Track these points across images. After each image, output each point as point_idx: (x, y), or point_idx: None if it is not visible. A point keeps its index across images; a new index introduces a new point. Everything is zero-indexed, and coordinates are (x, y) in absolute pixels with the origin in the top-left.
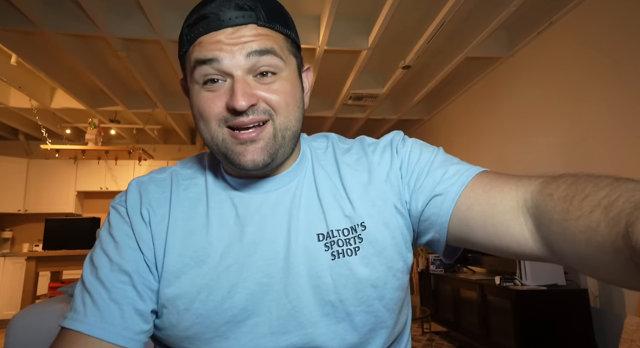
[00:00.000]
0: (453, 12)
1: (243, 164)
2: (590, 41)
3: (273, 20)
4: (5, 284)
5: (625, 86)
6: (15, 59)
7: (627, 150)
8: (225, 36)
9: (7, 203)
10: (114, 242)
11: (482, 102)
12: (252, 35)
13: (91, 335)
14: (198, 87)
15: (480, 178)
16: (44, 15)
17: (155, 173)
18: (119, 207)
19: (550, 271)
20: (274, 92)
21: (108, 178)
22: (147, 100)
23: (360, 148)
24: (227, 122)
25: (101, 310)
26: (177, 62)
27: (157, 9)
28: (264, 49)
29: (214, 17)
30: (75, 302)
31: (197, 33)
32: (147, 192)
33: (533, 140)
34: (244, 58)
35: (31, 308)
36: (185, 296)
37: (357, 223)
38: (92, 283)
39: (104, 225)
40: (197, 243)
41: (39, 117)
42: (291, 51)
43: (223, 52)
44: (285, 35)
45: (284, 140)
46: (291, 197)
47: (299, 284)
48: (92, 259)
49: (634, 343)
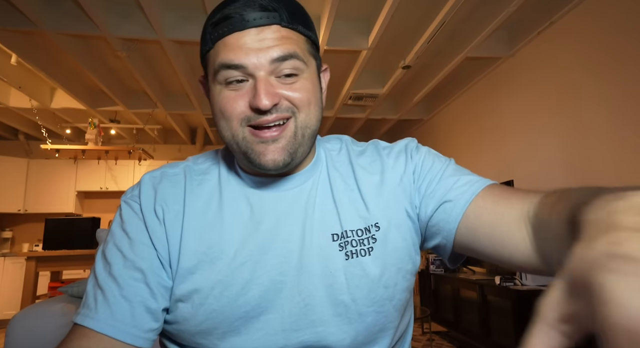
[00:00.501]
0: (453, 12)
1: (264, 163)
2: (591, 41)
3: (295, 21)
4: (5, 284)
5: (625, 85)
6: (15, 59)
7: (627, 150)
8: (250, 38)
9: (7, 203)
10: (128, 238)
11: (482, 102)
12: (275, 37)
13: (101, 332)
14: (220, 87)
15: (490, 190)
16: (44, 15)
17: (168, 167)
18: (131, 202)
19: None
20: (296, 90)
21: (108, 178)
22: (147, 100)
23: (374, 151)
24: (249, 121)
25: (112, 307)
26: (176, 61)
27: (157, 9)
28: (288, 54)
29: (239, 18)
30: (88, 298)
31: (221, 33)
32: (161, 187)
33: (533, 140)
34: (268, 63)
35: (31, 308)
36: (200, 291)
37: (371, 224)
38: (104, 280)
39: (115, 220)
40: (211, 239)
41: (39, 117)
42: (311, 53)
43: (248, 56)
44: (306, 36)
45: (304, 138)
46: (306, 196)
47: (313, 283)
48: (105, 254)
49: None
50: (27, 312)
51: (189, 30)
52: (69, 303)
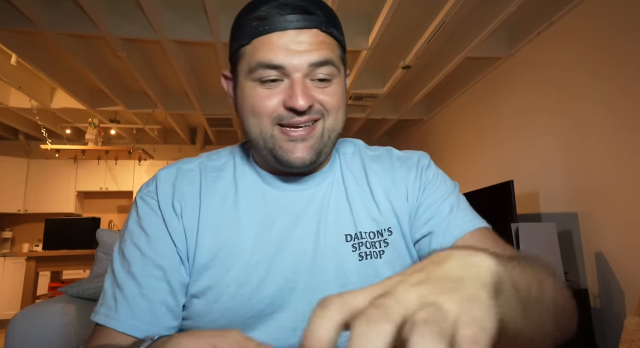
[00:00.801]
0: (453, 12)
1: (292, 160)
2: (591, 41)
3: (332, 26)
4: (5, 284)
5: (625, 86)
6: (15, 59)
7: (627, 150)
8: (290, 39)
9: (7, 203)
10: (146, 235)
11: (482, 102)
12: (315, 41)
13: (122, 331)
14: (253, 84)
15: (479, 234)
16: (44, 15)
17: (182, 164)
18: (148, 198)
19: None
20: (328, 94)
21: (108, 178)
22: (147, 100)
23: (388, 159)
24: (280, 120)
25: (132, 306)
26: (176, 61)
27: (157, 9)
28: (325, 60)
29: (280, 18)
30: (106, 297)
31: (261, 30)
32: (178, 183)
33: (533, 140)
34: (307, 66)
35: (31, 308)
36: (215, 288)
37: (384, 228)
38: (123, 279)
39: (131, 217)
40: (227, 236)
41: (39, 117)
42: (342, 59)
43: (288, 57)
44: (339, 42)
45: (329, 140)
46: (321, 197)
47: (326, 282)
48: (123, 252)
49: (634, 343)
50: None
51: (189, 30)
52: (69, 303)
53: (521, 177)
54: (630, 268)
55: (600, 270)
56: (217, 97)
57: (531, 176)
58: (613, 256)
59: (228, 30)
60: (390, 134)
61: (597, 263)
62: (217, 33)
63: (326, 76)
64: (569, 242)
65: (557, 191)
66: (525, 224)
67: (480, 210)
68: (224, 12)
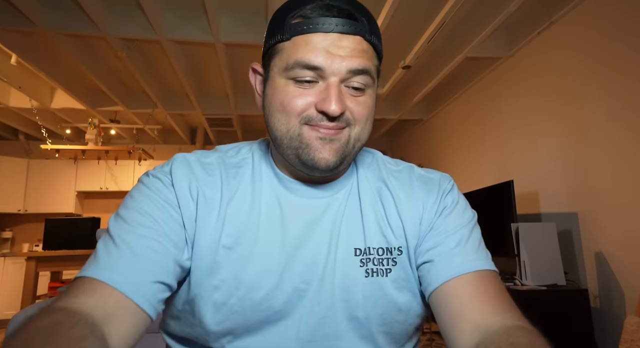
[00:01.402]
0: (453, 12)
1: (317, 159)
2: (591, 41)
3: (374, 34)
4: (5, 284)
5: (625, 85)
6: (15, 58)
7: (627, 151)
8: (332, 42)
9: (7, 203)
10: (156, 207)
11: (482, 102)
12: (356, 49)
13: (111, 284)
14: (286, 81)
15: (479, 278)
16: (44, 15)
17: (201, 155)
18: (161, 176)
19: (550, 271)
20: (359, 104)
21: (108, 178)
22: (147, 100)
23: (408, 177)
24: (309, 121)
25: (130, 262)
26: (176, 61)
27: (157, 9)
28: (363, 68)
29: (325, 19)
30: (98, 255)
31: (305, 28)
32: (196, 170)
33: (533, 140)
34: (345, 72)
35: (31, 308)
36: (223, 288)
37: (395, 247)
38: (122, 239)
39: (138, 189)
40: (240, 236)
41: (39, 117)
42: (378, 69)
43: (328, 60)
44: (378, 52)
45: (353, 149)
46: (337, 206)
47: (333, 295)
48: (123, 217)
49: (634, 343)
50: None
51: (189, 30)
52: None
53: (521, 177)
54: (630, 268)
55: (600, 270)
56: (217, 97)
57: (531, 176)
58: (613, 256)
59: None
60: (390, 133)
61: (597, 263)
62: (217, 33)
63: (361, 85)
64: (569, 242)
65: (557, 191)
66: (525, 224)
67: (481, 210)
68: (224, 12)
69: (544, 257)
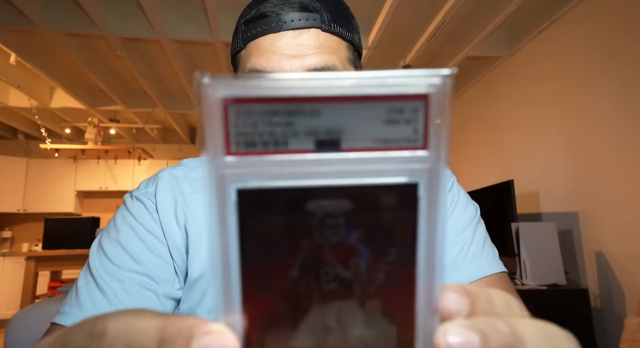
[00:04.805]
0: (453, 11)
1: None
2: (591, 40)
3: (338, 24)
4: (4, 284)
5: (626, 85)
6: (15, 58)
7: (628, 151)
8: (285, 42)
9: (7, 203)
10: (139, 239)
11: (482, 101)
12: (314, 44)
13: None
14: None
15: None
16: (44, 14)
17: (189, 169)
18: (145, 199)
19: (550, 271)
20: None
21: (108, 177)
22: (147, 99)
23: None
24: None
25: (114, 307)
26: (176, 61)
27: (157, 8)
28: (325, 66)
29: (275, 17)
30: (80, 296)
31: (254, 33)
32: (184, 187)
33: (533, 139)
34: (303, 72)
35: (31, 308)
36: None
37: None
38: (105, 280)
39: (121, 214)
40: None
41: (39, 117)
42: (352, 61)
43: (281, 63)
44: (349, 41)
45: None
46: None
47: None
48: (105, 251)
49: (635, 343)
50: (27, 311)
51: (189, 30)
52: None
53: (521, 177)
54: (630, 268)
55: (601, 269)
56: None
57: (531, 175)
58: (613, 256)
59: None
60: None
61: (598, 263)
62: (217, 32)
63: None
64: (570, 241)
65: (557, 190)
66: (526, 224)
67: (481, 210)
68: (224, 11)
69: (545, 257)
